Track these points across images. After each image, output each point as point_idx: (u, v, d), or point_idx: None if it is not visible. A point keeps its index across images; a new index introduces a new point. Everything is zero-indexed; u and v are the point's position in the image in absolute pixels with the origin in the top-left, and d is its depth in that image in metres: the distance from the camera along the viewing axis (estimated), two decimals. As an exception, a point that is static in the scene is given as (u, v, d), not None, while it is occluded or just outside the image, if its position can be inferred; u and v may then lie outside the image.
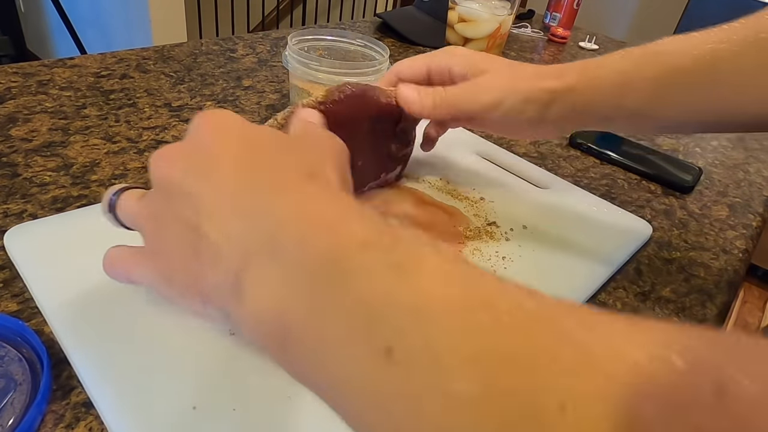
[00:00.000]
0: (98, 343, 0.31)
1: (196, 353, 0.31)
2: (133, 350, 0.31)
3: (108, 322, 0.32)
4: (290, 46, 0.58)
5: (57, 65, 0.65)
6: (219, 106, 0.62)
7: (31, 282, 0.35)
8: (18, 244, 0.37)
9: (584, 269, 0.45)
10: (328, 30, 0.64)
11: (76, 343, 0.31)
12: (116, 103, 0.59)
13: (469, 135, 0.64)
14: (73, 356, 0.30)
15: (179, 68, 0.70)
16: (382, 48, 0.63)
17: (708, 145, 0.77)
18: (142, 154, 0.51)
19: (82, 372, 0.30)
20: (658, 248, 0.51)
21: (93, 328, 0.32)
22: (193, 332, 0.33)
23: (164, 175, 0.25)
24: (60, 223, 0.39)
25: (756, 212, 0.61)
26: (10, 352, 0.31)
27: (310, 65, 0.57)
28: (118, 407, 0.28)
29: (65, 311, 0.33)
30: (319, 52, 0.65)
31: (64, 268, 0.35)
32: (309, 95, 0.59)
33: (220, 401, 0.29)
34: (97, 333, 0.32)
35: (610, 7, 2.98)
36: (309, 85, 0.58)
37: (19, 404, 0.28)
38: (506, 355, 0.16)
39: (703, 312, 0.45)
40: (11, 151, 0.48)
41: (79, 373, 0.30)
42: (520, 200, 0.52)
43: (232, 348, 0.32)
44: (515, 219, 0.48)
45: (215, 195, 0.23)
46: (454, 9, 0.67)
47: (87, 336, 0.31)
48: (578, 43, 1.17)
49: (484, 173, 0.56)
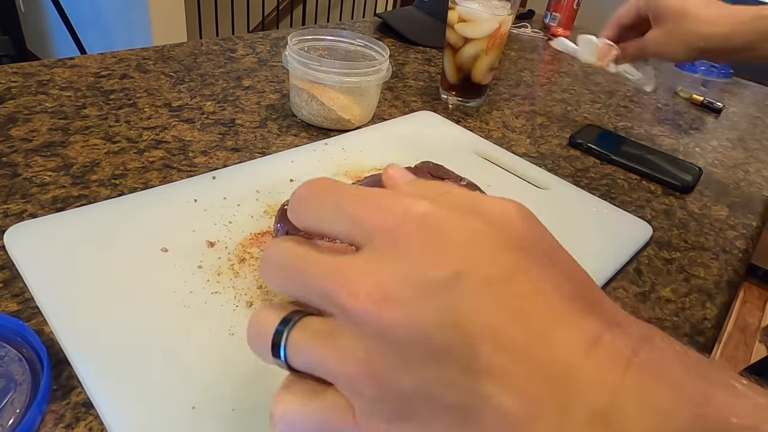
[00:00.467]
0: (98, 343, 0.31)
1: (195, 353, 0.31)
2: (132, 350, 0.31)
3: (108, 322, 0.32)
4: (290, 46, 0.58)
5: (57, 65, 0.65)
6: (219, 106, 0.62)
7: (31, 281, 0.35)
8: (18, 242, 0.37)
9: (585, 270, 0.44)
10: (328, 30, 0.64)
11: (76, 343, 0.31)
12: (116, 103, 0.59)
13: (469, 135, 0.64)
14: (72, 356, 0.30)
15: (179, 68, 0.70)
16: (382, 48, 0.63)
17: (708, 145, 0.77)
18: (142, 154, 0.51)
19: (82, 372, 0.30)
20: (658, 248, 0.51)
21: (93, 327, 0.32)
22: (193, 332, 0.33)
23: (396, 323, 0.17)
24: (61, 222, 0.39)
25: (756, 212, 0.61)
26: (10, 352, 0.31)
27: (310, 65, 0.57)
28: (118, 407, 0.28)
29: (65, 311, 0.33)
30: (319, 52, 0.65)
31: (65, 267, 0.35)
32: (309, 95, 0.59)
33: (219, 401, 0.29)
34: (97, 333, 0.32)
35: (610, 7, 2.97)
36: (309, 85, 0.58)
37: (19, 404, 0.28)
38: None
39: (703, 312, 0.45)
40: (11, 151, 0.48)
41: (79, 373, 0.30)
42: (520, 201, 0.52)
43: (231, 348, 0.32)
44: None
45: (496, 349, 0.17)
46: (454, 9, 0.67)
47: (87, 336, 0.31)
48: (578, 43, 1.17)
49: (484, 173, 0.56)
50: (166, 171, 0.49)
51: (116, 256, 0.37)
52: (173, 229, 0.40)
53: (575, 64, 1.02)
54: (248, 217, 0.43)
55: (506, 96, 0.82)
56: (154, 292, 0.35)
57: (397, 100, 0.73)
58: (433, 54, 0.95)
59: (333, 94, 0.59)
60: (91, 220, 0.40)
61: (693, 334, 0.42)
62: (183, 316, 0.34)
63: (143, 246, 0.38)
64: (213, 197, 0.45)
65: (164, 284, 0.36)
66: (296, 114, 0.63)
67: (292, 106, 0.63)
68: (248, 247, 0.40)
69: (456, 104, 0.74)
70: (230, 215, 0.43)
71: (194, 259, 0.38)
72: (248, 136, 0.57)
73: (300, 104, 0.61)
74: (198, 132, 0.57)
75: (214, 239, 0.40)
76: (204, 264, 0.38)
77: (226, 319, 0.34)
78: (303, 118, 0.62)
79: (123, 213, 0.41)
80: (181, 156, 0.52)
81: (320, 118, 0.60)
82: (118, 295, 0.34)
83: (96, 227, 0.39)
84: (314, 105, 0.59)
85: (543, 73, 0.96)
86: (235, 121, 0.60)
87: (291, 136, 0.59)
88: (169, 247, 0.39)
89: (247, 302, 0.35)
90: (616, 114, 0.83)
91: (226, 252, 0.39)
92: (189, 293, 0.35)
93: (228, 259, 0.39)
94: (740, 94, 1.05)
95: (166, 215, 0.42)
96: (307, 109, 0.60)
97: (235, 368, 0.31)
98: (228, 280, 0.37)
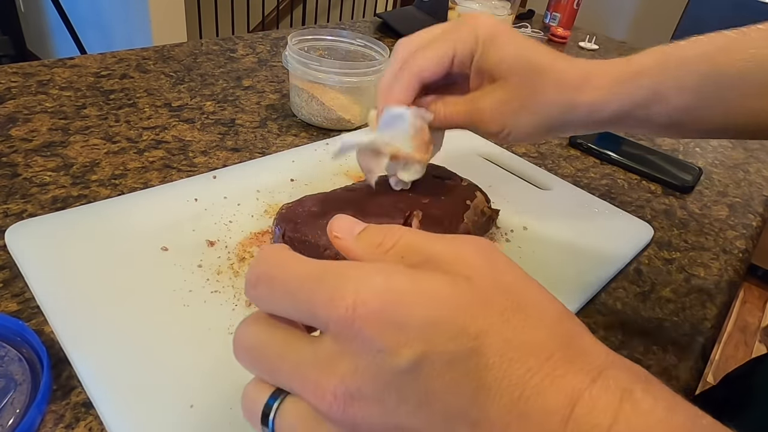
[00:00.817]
0: (98, 343, 0.31)
1: (193, 352, 0.31)
2: (132, 349, 0.31)
3: (108, 321, 0.32)
4: (290, 46, 0.58)
5: (57, 65, 0.65)
6: (219, 106, 0.62)
7: (31, 279, 0.35)
8: (19, 241, 0.37)
9: (585, 271, 0.44)
10: (328, 30, 0.64)
11: (76, 342, 0.31)
12: (116, 103, 0.59)
13: (470, 135, 0.64)
14: (73, 356, 0.30)
15: (179, 68, 0.70)
16: (381, 48, 0.63)
17: (708, 145, 0.77)
18: (142, 154, 0.51)
19: (82, 372, 0.30)
20: (658, 248, 0.51)
21: (93, 327, 0.32)
22: (191, 332, 0.33)
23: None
24: (61, 221, 0.40)
25: (756, 212, 0.61)
26: (10, 352, 0.31)
27: (310, 65, 0.57)
28: (117, 407, 0.28)
29: (65, 311, 0.33)
30: (319, 52, 0.65)
31: (65, 266, 0.35)
32: (309, 95, 0.59)
33: (217, 400, 0.29)
34: (97, 333, 0.32)
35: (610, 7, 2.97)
36: (309, 85, 0.58)
37: (19, 404, 0.28)
38: None
39: (703, 312, 0.45)
40: (11, 151, 0.48)
41: (78, 373, 0.30)
42: (520, 201, 0.52)
43: (229, 347, 0.32)
44: (516, 220, 0.48)
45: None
46: (454, 9, 0.67)
47: (87, 336, 0.31)
48: (578, 43, 1.17)
49: (485, 173, 0.56)
50: (166, 171, 0.49)
51: (116, 255, 0.37)
52: (173, 228, 0.40)
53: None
54: (248, 217, 0.43)
55: (506, 96, 0.81)
56: (154, 291, 0.35)
57: (397, 100, 0.73)
58: (433, 54, 0.95)
59: (333, 94, 0.59)
60: (91, 220, 0.40)
61: (693, 334, 0.42)
62: (182, 315, 0.34)
63: (143, 245, 0.38)
64: (213, 196, 0.45)
65: (164, 283, 0.36)
66: (296, 114, 0.63)
67: (292, 106, 0.63)
68: (248, 247, 0.40)
69: (456, 104, 0.74)
70: (230, 214, 0.43)
71: (194, 258, 0.38)
72: (248, 136, 0.57)
73: (300, 104, 0.61)
74: (198, 132, 0.57)
75: (214, 238, 0.40)
76: (204, 263, 0.38)
77: (225, 318, 0.34)
78: (303, 118, 0.62)
79: (123, 212, 0.41)
80: (181, 156, 0.52)
81: (320, 118, 0.60)
82: (118, 295, 0.34)
83: (96, 226, 0.39)
84: (314, 105, 0.59)
85: (543, 73, 0.96)
86: (235, 121, 0.60)
87: (291, 136, 0.59)
88: (170, 246, 0.39)
89: (246, 301, 0.35)
90: (616, 114, 0.82)
91: (226, 251, 0.39)
92: (189, 292, 0.35)
93: (228, 259, 0.39)
94: (740, 94, 1.05)
95: (166, 214, 0.42)
96: (308, 109, 0.60)
97: (233, 367, 0.31)
98: (227, 279, 0.37)
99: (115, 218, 0.40)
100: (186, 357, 0.31)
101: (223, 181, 0.47)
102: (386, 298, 0.17)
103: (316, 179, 0.50)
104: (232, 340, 0.21)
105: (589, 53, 1.12)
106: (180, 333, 0.32)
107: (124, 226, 0.40)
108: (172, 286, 0.36)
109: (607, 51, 1.17)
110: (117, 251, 0.37)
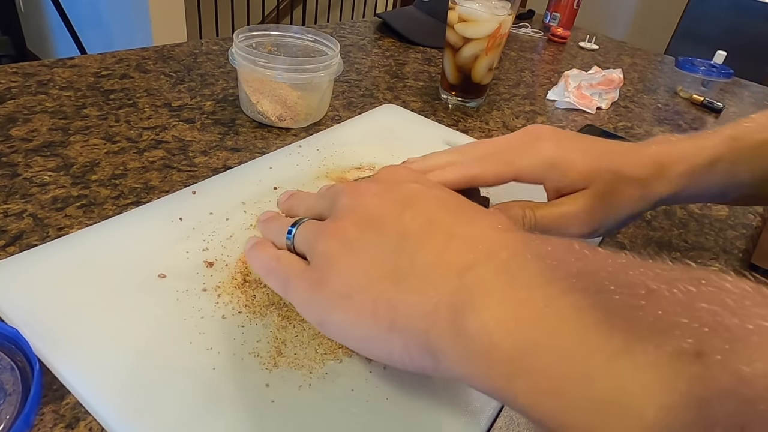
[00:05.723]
0: (114, 389, 0.29)
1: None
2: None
3: (121, 360, 0.31)
4: (236, 43, 0.56)
5: (57, 65, 0.65)
6: (219, 106, 0.62)
7: (31, 337, 0.30)
8: (2, 285, 0.34)
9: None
10: (275, 25, 0.63)
11: (88, 389, 0.29)
12: (116, 103, 0.59)
13: (435, 124, 0.64)
14: (59, 369, 0.29)
15: (179, 68, 0.70)
16: (332, 43, 0.61)
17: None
18: (142, 154, 0.51)
19: (72, 382, 0.29)
20: (658, 248, 0.51)
21: (104, 367, 0.30)
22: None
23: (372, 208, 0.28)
24: (42, 260, 0.36)
25: (756, 212, 0.61)
26: (3, 360, 0.29)
27: (258, 62, 0.54)
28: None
29: (70, 358, 0.30)
30: (268, 48, 0.63)
31: (59, 315, 0.32)
32: (259, 93, 0.57)
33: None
34: (111, 376, 0.30)
35: (610, 7, 2.97)
36: (258, 83, 0.57)
37: (6, 414, 0.27)
38: None
39: (703, 312, 0.44)
40: (11, 151, 0.48)
41: (69, 384, 0.29)
42: (513, 193, 0.51)
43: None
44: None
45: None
46: (454, 9, 0.67)
47: (99, 379, 0.30)
48: (578, 43, 1.17)
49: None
50: (166, 171, 0.49)
51: (115, 289, 0.34)
52: (165, 253, 0.38)
53: (575, 64, 1.02)
54: (241, 230, 0.41)
55: (506, 96, 0.82)
56: (163, 324, 0.33)
57: (397, 100, 0.73)
58: (433, 54, 0.95)
59: (283, 91, 0.57)
60: (80, 254, 0.37)
61: (693, 334, 0.42)
62: (181, 314, 0.33)
63: (139, 274, 0.36)
64: (198, 213, 0.42)
65: (172, 311, 0.34)
66: (246, 113, 0.61)
67: (242, 105, 0.61)
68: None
69: (456, 104, 0.74)
70: (221, 230, 0.41)
71: (196, 282, 0.36)
72: (248, 136, 0.57)
73: (249, 102, 0.58)
74: (198, 132, 0.57)
75: (211, 258, 0.38)
76: (208, 285, 0.36)
77: (250, 341, 0.34)
78: (253, 116, 0.60)
79: (108, 242, 0.38)
80: (181, 156, 0.52)
81: (272, 117, 0.58)
82: (129, 339, 0.32)
83: (86, 262, 0.36)
84: (265, 103, 0.57)
85: (543, 73, 0.96)
86: (235, 121, 0.60)
87: (291, 136, 0.59)
88: (167, 273, 0.36)
89: (261, 316, 0.34)
90: (616, 114, 0.83)
91: (227, 270, 0.37)
92: (200, 319, 0.33)
93: (233, 278, 0.37)
94: (740, 94, 1.05)
95: (153, 238, 0.39)
96: (257, 107, 0.58)
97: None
98: (236, 300, 0.35)
99: (101, 249, 0.37)
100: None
101: (204, 195, 0.45)
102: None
103: (299, 184, 0.48)
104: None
105: (589, 53, 1.12)
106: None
107: (114, 256, 0.37)
108: (182, 314, 0.34)
109: (607, 51, 1.17)
110: (115, 285, 0.35)
